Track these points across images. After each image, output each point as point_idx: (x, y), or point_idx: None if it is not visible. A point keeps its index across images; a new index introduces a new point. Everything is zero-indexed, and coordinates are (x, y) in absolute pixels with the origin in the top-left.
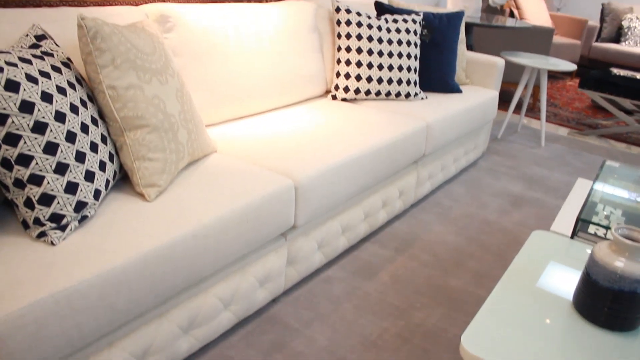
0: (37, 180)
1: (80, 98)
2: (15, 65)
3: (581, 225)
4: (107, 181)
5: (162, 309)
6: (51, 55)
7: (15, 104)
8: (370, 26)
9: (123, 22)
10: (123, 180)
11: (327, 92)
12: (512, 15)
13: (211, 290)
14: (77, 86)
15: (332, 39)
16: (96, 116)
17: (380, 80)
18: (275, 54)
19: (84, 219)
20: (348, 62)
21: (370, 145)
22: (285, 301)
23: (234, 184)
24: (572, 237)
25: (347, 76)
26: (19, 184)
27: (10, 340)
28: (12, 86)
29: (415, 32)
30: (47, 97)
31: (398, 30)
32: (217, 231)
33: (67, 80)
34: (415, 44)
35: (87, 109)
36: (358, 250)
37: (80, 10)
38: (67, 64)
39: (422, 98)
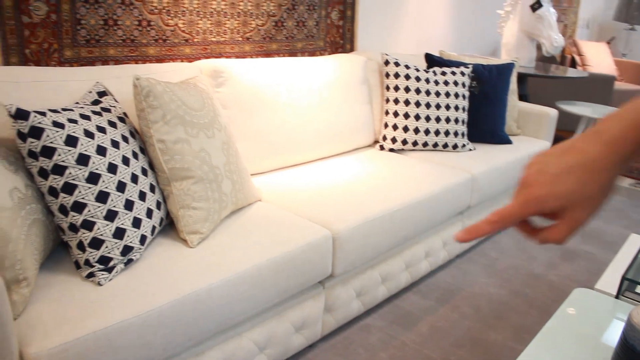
0: (89, 225)
1: (133, 150)
2: (75, 122)
3: (628, 284)
4: (154, 227)
5: (198, 350)
6: (109, 110)
7: (73, 157)
8: (418, 78)
9: (179, 77)
10: (170, 226)
11: (376, 142)
12: (573, 63)
13: (247, 334)
14: (130, 139)
15: (381, 90)
16: (146, 167)
17: (427, 132)
18: (325, 105)
19: (129, 262)
20: (396, 114)
21: (412, 198)
22: (321, 347)
23: (273, 233)
24: (617, 296)
25: (395, 127)
26: (73, 228)
27: None
28: (71, 141)
29: (464, 84)
30: (101, 151)
31: (446, 83)
32: (254, 279)
33: (122, 135)
34: (464, 96)
35: (138, 160)
36: (399, 299)
37: (141, 66)
38: (123, 118)
39: (470, 149)
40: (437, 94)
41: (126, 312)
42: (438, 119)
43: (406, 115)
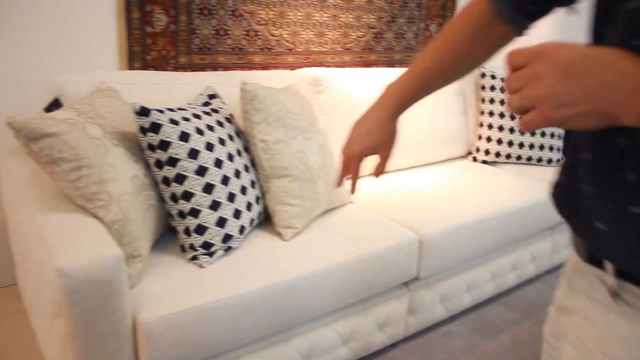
0: (195, 213)
1: (237, 149)
2: (188, 120)
3: None
4: (252, 220)
5: (285, 336)
6: (217, 112)
7: (185, 151)
8: None
9: (281, 84)
10: (266, 220)
11: (469, 153)
12: None
13: (332, 325)
14: (235, 138)
15: (476, 102)
16: (248, 164)
17: (521, 145)
18: (419, 115)
19: (229, 249)
20: (490, 126)
21: (500, 209)
22: (403, 347)
23: (362, 232)
24: None
25: (489, 139)
26: (181, 215)
27: (161, 337)
28: (184, 137)
29: None
30: (209, 147)
31: None
32: (342, 273)
33: (228, 134)
34: None
35: (241, 157)
36: (483, 309)
37: (247, 73)
38: (230, 119)
39: None
40: None
41: (223, 293)
42: (533, 133)
43: (500, 128)
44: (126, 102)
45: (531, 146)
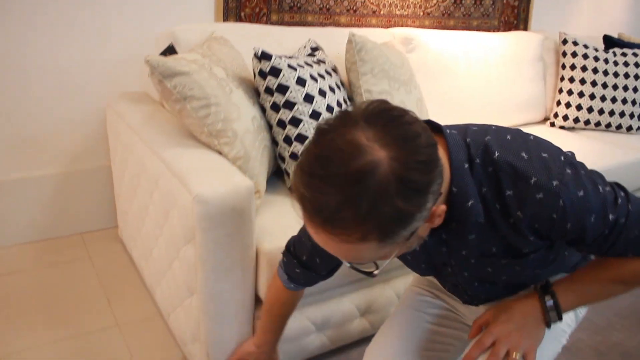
0: None
1: (343, 97)
2: (302, 67)
3: None
4: None
5: (384, 277)
6: (323, 62)
7: (301, 95)
8: (596, 58)
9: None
10: None
11: (546, 119)
12: None
13: None
14: (341, 88)
15: (556, 69)
16: None
17: (601, 112)
18: (501, 79)
19: None
20: (570, 92)
21: None
22: None
23: None
24: None
25: (568, 105)
26: (294, 157)
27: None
28: (301, 82)
29: None
30: (322, 93)
31: (626, 64)
32: None
33: (335, 83)
34: None
35: (347, 106)
36: None
37: (343, 29)
38: (335, 70)
39: None
40: (616, 74)
41: None
42: (614, 100)
43: (580, 94)
44: (238, 50)
45: (611, 113)
